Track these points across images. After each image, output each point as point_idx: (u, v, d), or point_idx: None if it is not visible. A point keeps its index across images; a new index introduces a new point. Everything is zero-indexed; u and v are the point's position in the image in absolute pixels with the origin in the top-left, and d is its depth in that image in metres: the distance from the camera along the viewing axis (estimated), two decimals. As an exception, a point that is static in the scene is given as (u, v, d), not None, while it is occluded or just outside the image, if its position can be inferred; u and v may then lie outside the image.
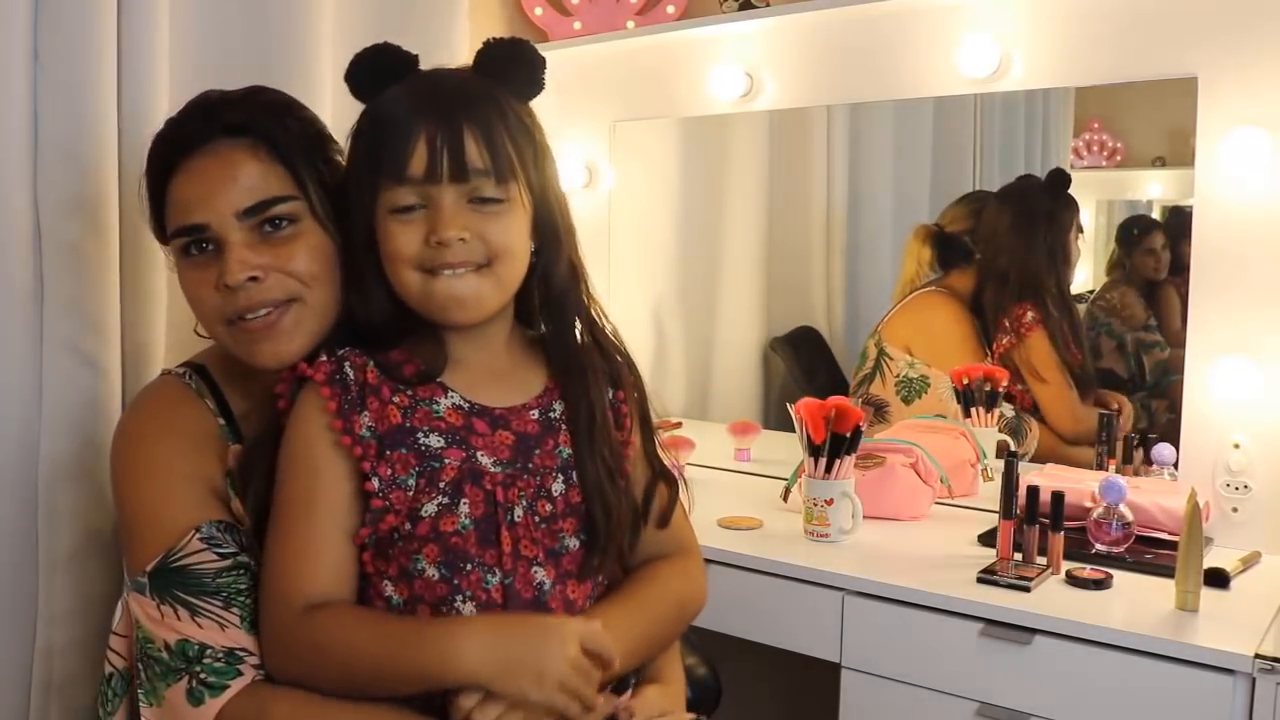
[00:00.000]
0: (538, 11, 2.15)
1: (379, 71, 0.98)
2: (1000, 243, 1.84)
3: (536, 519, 0.99)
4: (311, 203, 1.05)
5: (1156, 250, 1.74)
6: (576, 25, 2.14)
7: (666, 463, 1.12)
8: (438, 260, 0.94)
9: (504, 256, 0.96)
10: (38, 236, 1.30)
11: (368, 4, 1.74)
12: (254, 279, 1.01)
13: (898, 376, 1.92)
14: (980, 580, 1.33)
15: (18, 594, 1.31)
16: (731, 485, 1.89)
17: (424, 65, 1.00)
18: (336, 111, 1.59)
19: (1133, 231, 1.77)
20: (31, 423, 1.31)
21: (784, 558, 1.44)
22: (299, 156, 1.06)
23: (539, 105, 1.01)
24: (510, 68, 0.98)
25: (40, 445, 1.30)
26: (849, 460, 1.50)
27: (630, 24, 2.09)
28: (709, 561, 1.48)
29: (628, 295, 2.20)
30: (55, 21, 1.29)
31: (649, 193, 2.20)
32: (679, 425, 2.09)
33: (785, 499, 1.68)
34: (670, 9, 2.06)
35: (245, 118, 1.05)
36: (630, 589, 1.06)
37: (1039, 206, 1.80)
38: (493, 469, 0.98)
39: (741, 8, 1.93)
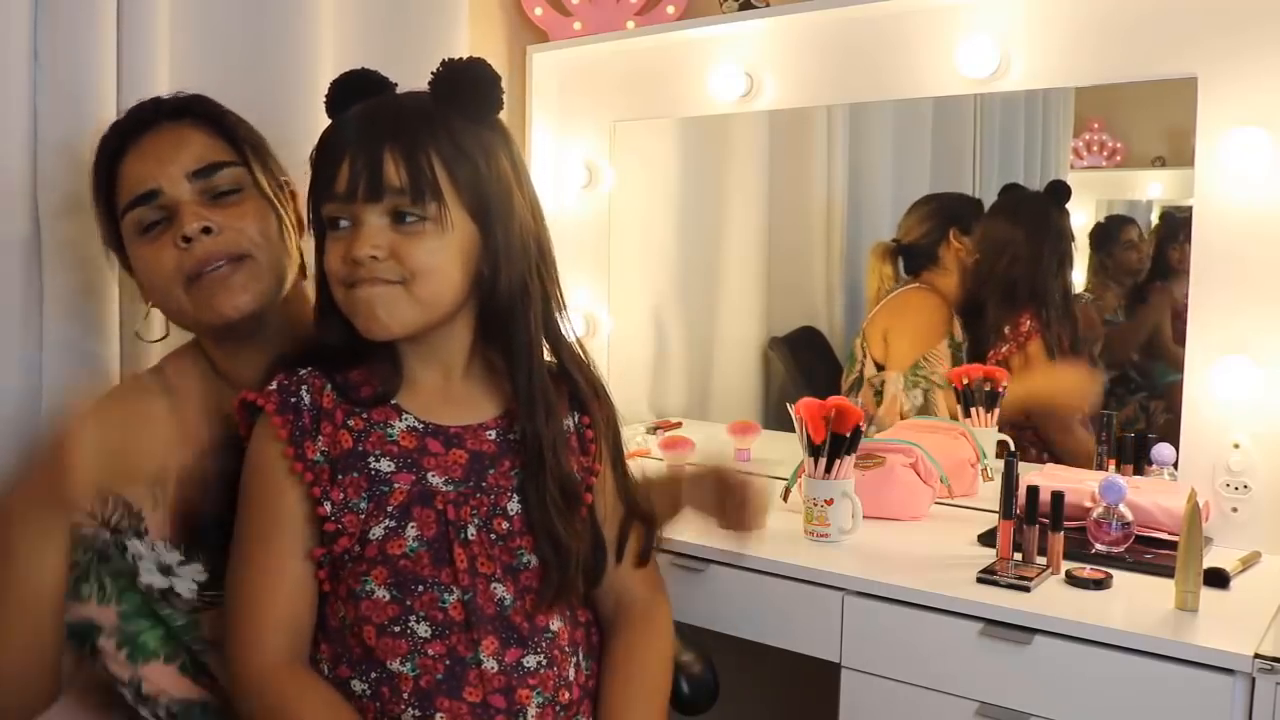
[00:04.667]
0: (538, 11, 2.15)
1: (347, 95, 1.01)
2: (1007, 255, 1.83)
3: (492, 536, 1.00)
4: (254, 175, 1.13)
5: (1135, 243, 1.75)
6: (576, 25, 2.14)
7: (641, 500, 1.13)
8: (354, 277, 0.97)
9: (421, 276, 0.96)
10: (38, 236, 1.30)
11: (367, 6, 1.74)
12: (207, 230, 1.08)
13: (873, 383, 1.94)
14: (980, 580, 1.33)
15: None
16: (731, 485, 1.89)
17: (423, 69, 1.01)
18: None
19: (1108, 233, 1.78)
20: (31, 422, 1.31)
21: (784, 558, 1.43)
22: (241, 135, 1.15)
23: (540, 107, 1.01)
24: (459, 89, 0.99)
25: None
26: (849, 460, 1.50)
27: (630, 24, 2.09)
28: (709, 561, 1.49)
29: (628, 295, 2.20)
30: (55, 21, 1.29)
31: (649, 193, 2.20)
32: (679, 425, 2.10)
33: (785, 499, 1.68)
34: (670, 9, 2.06)
35: (188, 102, 1.15)
36: (633, 688, 1.07)
37: (1047, 219, 1.80)
38: (444, 488, 1.00)
39: (741, 8, 1.93)
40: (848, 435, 1.48)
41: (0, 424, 1.29)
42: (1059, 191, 1.78)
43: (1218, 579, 1.31)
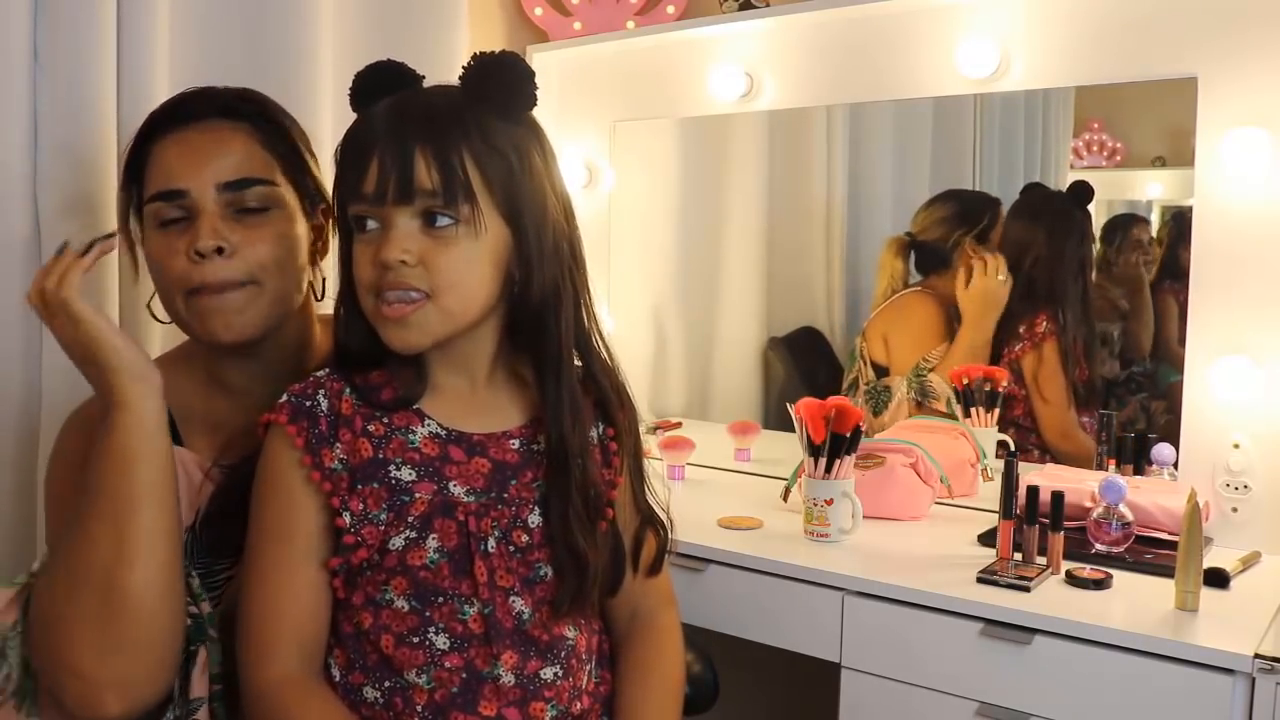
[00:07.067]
0: (538, 12, 2.15)
1: (374, 88, 0.98)
2: (1029, 255, 1.81)
3: (511, 548, 0.98)
4: (287, 195, 1.09)
5: (1144, 244, 1.74)
6: (576, 25, 2.14)
7: (656, 508, 1.11)
8: (382, 283, 0.93)
9: (450, 289, 0.93)
10: (38, 236, 1.30)
11: (367, 6, 1.74)
12: (220, 250, 1.03)
13: (867, 385, 1.94)
14: (980, 580, 1.33)
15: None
16: (731, 485, 1.89)
17: (423, 69, 0.99)
18: (336, 114, 1.60)
19: (1117, 229, 1.77)
20: (32, 423, 1.31)
21: (784, 558, 1.43)
22: (286, 150, 1.11)
23: (540, 107, 0.99)
24: (492, 85, 0.95)
25: (40, 445, 1.31)
26: (849, 460, 1.50)
27: (630, 24, 2.09)
28: (709, 561, 1.49)
29: (628, 295, 2.20)
30: (55, 21, 1.29)
31: (649, 193, 2.20)
32: (679, 425, 2.10)
33: (785, 499, 1.68)
34: (670, 9, 2.07)
35: (242, 104, 1.10)
36: (653, 701, 1.07)
37: (1069, 220, 1.79)
38: (465, 499, 0.97)
39: (741, 8, 1.93)
40: (848, 435, 1.48)
41: (0, 423, 1.30)
42: (1081, 192, 1.77)
43: (1218, 579, 1.31)
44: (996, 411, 1.79)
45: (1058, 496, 1.37)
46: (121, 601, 0.92)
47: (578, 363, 1.03)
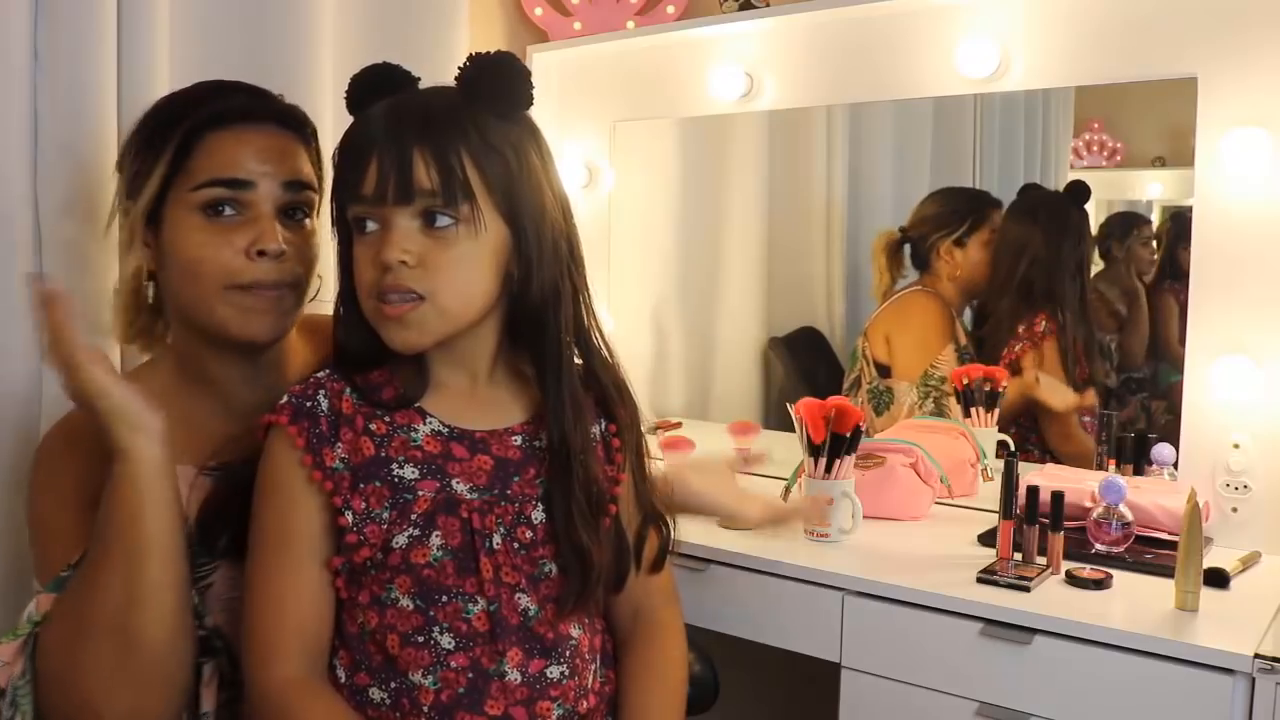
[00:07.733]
0: (538, 12, 2.16)
1: (370, 90, 0.98)
2: (1026, 255, 1.81)
3: (516, 545, 0.98)
4: (320, 203, 1.14)
5: (1148, 241, 1.74)
6: (576, 25, 2.14)
7: (659, 506, 1.11)
8: (383, 283, 0.93)
9: (450, 286, 0.94)
10: (38, 236, 1.30)
11: (367, 6, 1.74)
12: (282, 253, 1.06)
13: (870, 384, 1.93)
14: (980, 580, 1.33)
15: (19, 596, 1.31)
16: (731, 485, 1.89)
17: (423, 69, 1.00)
18: (337, 114, 1.60)
19: (1121, 227, 1.77)
20: (31, 423, 1.31)
21: (784, 558, 1.43)
22: (320, 163, 1.16)
23: (540, 107, 1.00)
24: (488, 85, 0.96)
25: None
26: (849, 460, 1.50)
27: (630, 24, 2.09)
28: (709, 561, 1.49)
29: (628, 295, 2.20)
30: (55, 21, 1.29)
31: (649, 193, 2.20)
32: (679, 425, 2.10)
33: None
34: (670, 9, 2.07)
35: (292, 110, 1.14)
36: (655, 700, 1.07)
37: (1066, 220, 1.79)
38: (469, 496, 0.97)
39: (741, 8, 1.93)
40: (848, 435, 1.48)
41: (1, 423, 1.29)
42: (1079, 192, 1.77)
43: (1218, 579, 1.31)
44: (996, 411, 1.80)
45: (1058, 496, 1.37)
46: (134, 644, 0.93)
47: (578, 360, 1.04)
